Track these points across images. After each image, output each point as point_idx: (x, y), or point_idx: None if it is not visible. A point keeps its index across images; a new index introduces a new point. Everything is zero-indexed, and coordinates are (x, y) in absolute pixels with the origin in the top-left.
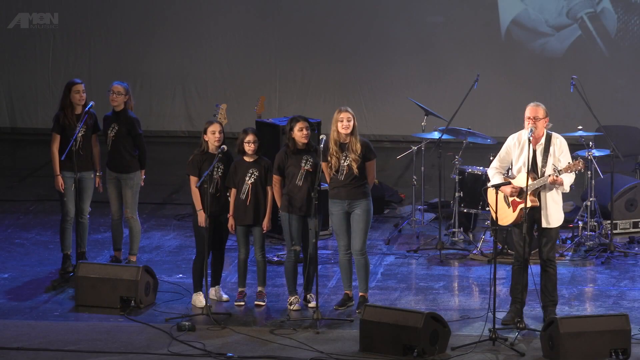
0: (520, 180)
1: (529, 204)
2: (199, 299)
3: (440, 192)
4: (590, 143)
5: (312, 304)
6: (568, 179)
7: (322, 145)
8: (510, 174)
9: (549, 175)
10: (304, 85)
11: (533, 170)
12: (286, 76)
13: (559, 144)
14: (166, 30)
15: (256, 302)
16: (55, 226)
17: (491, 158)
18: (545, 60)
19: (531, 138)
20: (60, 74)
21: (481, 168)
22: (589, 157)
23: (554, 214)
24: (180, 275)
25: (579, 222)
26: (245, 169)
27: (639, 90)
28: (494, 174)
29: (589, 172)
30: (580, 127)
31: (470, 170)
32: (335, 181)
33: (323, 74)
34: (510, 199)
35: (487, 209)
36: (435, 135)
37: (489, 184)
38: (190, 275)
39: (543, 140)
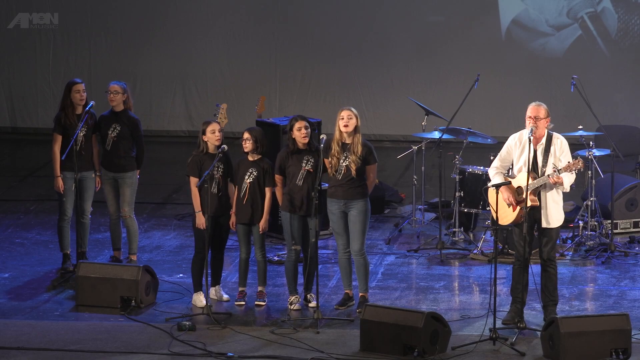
0: (521, 179)
1: (529, 204)
2: (199, 299)
3: (441, 191)
4: (591, 143)
5: (313, 304)
6: (568, 179)
7: (322, 145)
8: (510, 173)
9: (549, 175)
10: (304, 85)
11: (533, 169)
12: (286, 76)
13: (560, 144)
14: (166, 30)
15: (256, 302)
16: (55, 226)
17: (491, 158)
18: (546, 60)
19: (532, 138)
20: (61, 74)
21: (482, 168)
22: (590, 157)
23: (554, 214)
24: (181, 275)
25: (580, 222)
26: (246, 168)
27: (639, 90)
28: (495, 174)
29: (590, 172)
30: (580, 127)
31: (470, 170)
32: (333, 180)
33: (323, 73)
34: (506, 202)
35: (488, 208)
36: (436, 135)
37: (489, 184)
38: (191, 274)
39: (544, 140)
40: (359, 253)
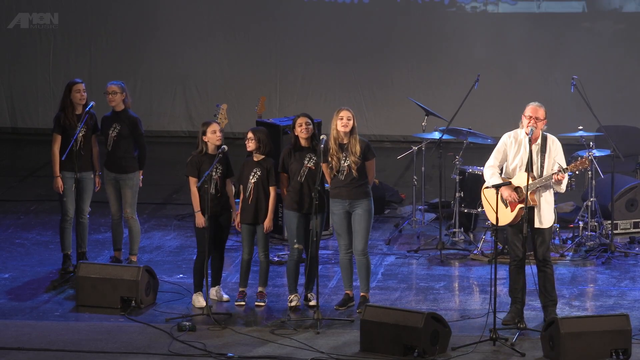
0: (520, 179)
1: (529, 203)
2: (198, 299)
3: (441, 192)
4: (591, 143)
5: (313, 303)
6: (566, 180)
7: (322, 146)
8: (503, 173)
9: (555, 173)
10: (304, 85)
11: (530, 169)
12: (286, 76)
13: (555, 145)
14: (166, 30)
15: (256, 303)
16: (55, 226)
17: None
18: (547, 60)
19: (530, 137)
20: (61, 74)
21: (482, 168)
22: (590, 157)
23: (546, 215)
24: (181, 276)
25: (580, 222)
26: (250, 168)
27: (639, 90)
28: (492, 174)
29: (590, 172)
30: (580, 127)
31: (470, 170)
32: (336, 181)
33: (323, 74)
34: (509, 199)
35: (480, 209)
36: (436, 135)
37: (490, 184)
38: (191, 275)
39: (539, 140)
40: (362, 253)
